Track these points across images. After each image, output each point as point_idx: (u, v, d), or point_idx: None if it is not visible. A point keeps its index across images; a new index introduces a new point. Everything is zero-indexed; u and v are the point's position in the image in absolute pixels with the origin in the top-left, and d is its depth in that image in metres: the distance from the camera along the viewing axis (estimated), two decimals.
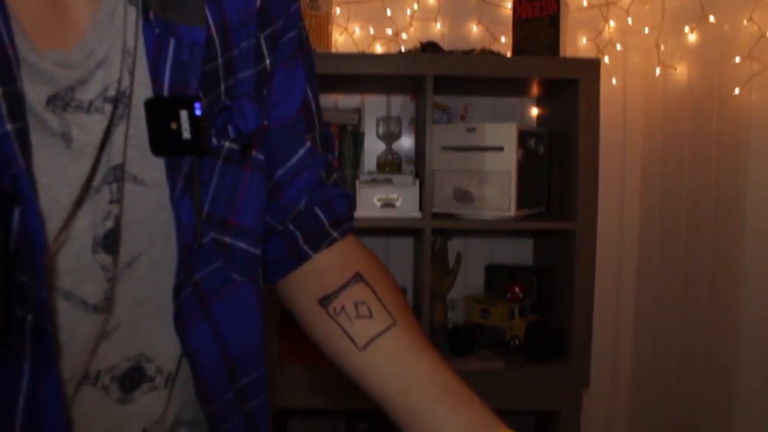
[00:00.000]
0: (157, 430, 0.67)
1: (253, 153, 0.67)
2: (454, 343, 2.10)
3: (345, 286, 0.73)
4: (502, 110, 2.41)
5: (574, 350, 2.01)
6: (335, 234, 0.77)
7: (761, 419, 2.09)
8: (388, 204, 2.00)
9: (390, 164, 2.27)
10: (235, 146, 0.66)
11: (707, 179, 2.18)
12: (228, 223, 0.66)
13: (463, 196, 2.04)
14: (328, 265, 0.76)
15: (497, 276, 2.42)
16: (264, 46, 0.69)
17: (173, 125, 0.58)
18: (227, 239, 0.66)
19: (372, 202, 2.01)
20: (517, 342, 2.19)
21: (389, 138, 2.29)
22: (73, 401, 0.60)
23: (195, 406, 0.69)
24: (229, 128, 0.65)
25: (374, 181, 2.05)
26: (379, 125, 2.28)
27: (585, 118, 1.97)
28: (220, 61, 0.64)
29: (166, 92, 0.58)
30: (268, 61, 0.69)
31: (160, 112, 0.58)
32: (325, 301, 0.73)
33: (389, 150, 2.29)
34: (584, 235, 1.99)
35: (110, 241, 0.58)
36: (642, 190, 2.38)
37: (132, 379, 0.63)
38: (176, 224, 0.61)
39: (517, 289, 2.22)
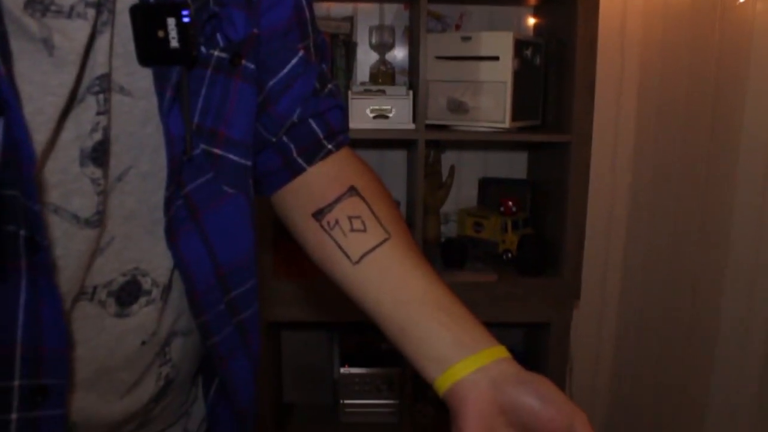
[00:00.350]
0: (154, 341, 0.67)
1: (243, 62, 0.65)
2: (446, 256, 2.11)
3: (339, 199, 0.72)
4: (498, 19, 2.34)
5: (566, 263, 2.02)
6: (330, 146, 0.76)
7: (744, 327, 2.13)
8: (380, 115, 1.97)
9: (383, 75, 2.22)
10: (224, 55, 0.63)
11: (705, 92, 2.14)
12: (218, 134, 0.65)
13: (457, 107, 2.01)
14: (322, 179, 0.75)
15: (491, 189, 2.41)
16: None
17: (160, 33, 0.56)
18: (217, 151, 0.65)
19: (365, 113, 1.98)
20: (509, 255, 2.19)
21: (382, 48, 2.23)
22: (71, 317, 0.60)
23: (190, 316, 0.70)
24: (218, 36, 0.63)
25: (367, 92, 2.01)
26: (371, 35, 2.22)
27: (583, 28, 1.92)
28: None
29: None
30: None
31: (146, 20, 0.56)
32: (318, 215, 0.72)
33: (382, 60, 2.24)
34: (579, 148, 1.97)
35: (99, 154, 0.56)
36: (638, 102, 2.34)
37: (129, 293, 0.63)
38: (165, 136, 0.60)
39: (510, 203, 2.21)
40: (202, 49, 0.62)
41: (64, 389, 0.55)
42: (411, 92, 1.99)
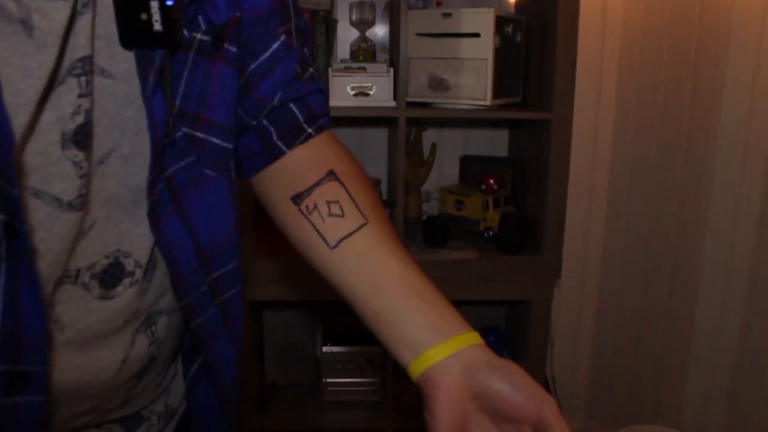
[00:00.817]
0: (136, 319, 0.68)
1: (226, 45, 0.65)
2: (428, 234, 2.10)
3: (318, 183, 0.72)
4: None
5: (547, 242, 2.03)
6: (310, 130, 0.75)
7: (721, 303, 2.15)
8: (361, 93, 1.95)
9: (364, 52, 2.20)
10: (206, 38, 0.63)
11: (685, 71, 2.15)
12: (200, 117, 0.64)
13: (438, 84, 2.00)
14: (302, 162, 0.75)
15: (472, 167, 2.41)
16: None
17: (143, 16, 0.55)
18: (199, 134, 0.65)
19: (345, 90, 1.96)
20: (490, 233, 2.20)
21: (363, 25, 2.21)
22: (54, 300, 0.59)
23: (173, 295, 0.70)
24: (200, 19, 0.62)
25: (347, 69, 1.99)
26: (352, 11, 2.20)
27: (564, 6, 1.91)
28: None
29: None
30: None
31: (128, 2, 0.55)
32: (297, 199, 0.72)
33: (363, 37, 2.22)
34: (560, 126, 1.96)
35: (81, 137, 0.55)
36: (619, 81, 2.34)
37: (112, 275, 0.63)
38: (148, 119, 0.59)
39: (491, 181, 2.21)
40: (185, 32, 0.61)
41: (44, 376, 0.55)
42: (392, 69, 1.98)
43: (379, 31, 2.33)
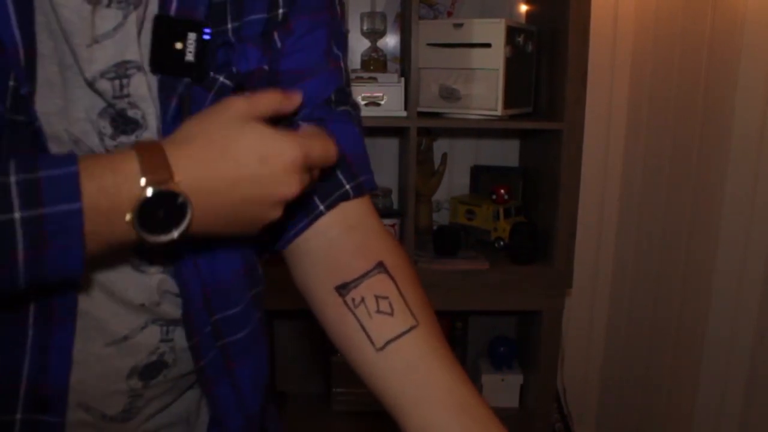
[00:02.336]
0: (150, 312, 0.68)
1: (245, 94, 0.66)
2: (439, 244, 2.10)
3: (366, 275, 0.69)
4: (490, 5, 2.33)
5: (558, 252, 2.02)
6: (347, 187, 0.73)
7: (734, 315, 2.13)
8: (372, 102, 1.95)
9: (374, 62, 2.21)
10: (229, 83, 0.64)
11: (697, 79, 2.14)
12: None
13: (449, 95, 2.00)
14: (348, 247, 0.71)
15: (483, 177, 2.41)
16: None
17: (178, 45, 0.59)
18: None
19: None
20: (501, 243, 2.19)
21: (374, 35, 2.21)
22: None
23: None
24: (227, 65, 0.64)
25: (358, 80, 2.00)
26: (363, 21, 2.21)
27: (575, 16, 1.91)
28: None
29: (173, 12, 0.59)
30: (281, 11, 0.68)
31: (168, 30, 0.59)
32: (342, 289, 0.69)
33: (374, 47, 2.23)
34: (571, 136, 1.96)
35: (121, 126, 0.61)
36: (630, 90, 2.33)
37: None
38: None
39: (502, 191, 2.21)
40: (210, 72, 0.63)
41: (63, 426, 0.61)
42: (403, 79, 1.98)
43: (390, 41, 2.33)
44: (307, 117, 0.71)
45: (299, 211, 0.71)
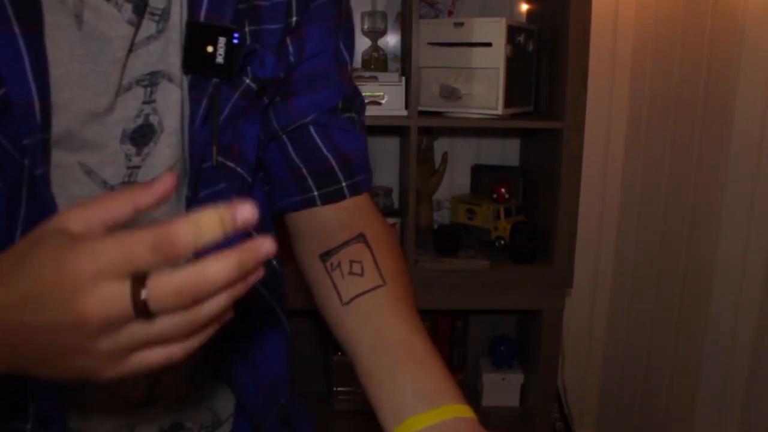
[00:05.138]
0: None
1: (264, 98, 0.71)
2: (439, 243, 2.10)
3: (346, 243, 0.75)
4: (491, 5, 2.33)
5: (558, 251, 2.02)
6: (344, 184, 0.79)
7: (734, 315, 2.13)
8: (373, 102, 1.95)
9: (375, 61, 2.21)
10: (253, 85, 0.69)
11: (698, 78, 2.14)
12: (233, 149, 0.70)
13: (450, 94, 2.00)
14: (336, 223, 0.78)
15: (483, 176, 2.41)
16: (294, 4, 0.71)
17: (209, 48, 0.63)
18: (231, 164, 0.70)
19: None
20: (502, 242, 2.19)
21: (374, 34, 2.21)
22: None
23: None
24: (248, 69, 0.69)
25: (359, 79, 2.00)
26: (363, 20, 2.21)
27: (576, 15, 1.90)
28: (249, 4, 0.67)
29: (202, 18, 0.63)
30: (294, 18, 0.71)
31: (200, 35, 0.64)
32: (325, 256, 0.76)
33: (374, 46, 2.23)
34: (571, 136, 1.96)
35: (138, 135, 0.64)
36: (631, 90, 2.33)
37: None
38: (191, 139, 0.66)
39: (503, 190, 2.21)
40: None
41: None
42: (403, 79, 1.98)
43: (391, 40, 2.33)
44: (313, 121, 0.76)
45: (300, 198, 0.79)
